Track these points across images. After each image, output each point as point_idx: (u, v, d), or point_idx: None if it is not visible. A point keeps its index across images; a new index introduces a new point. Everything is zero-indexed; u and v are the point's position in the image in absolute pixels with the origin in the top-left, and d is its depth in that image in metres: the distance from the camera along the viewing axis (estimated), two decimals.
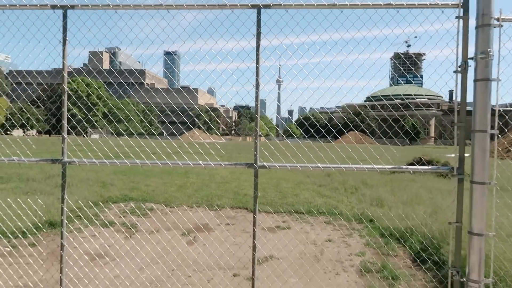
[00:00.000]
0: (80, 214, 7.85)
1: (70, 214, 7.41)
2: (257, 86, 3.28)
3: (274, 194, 11.83)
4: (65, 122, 3.60)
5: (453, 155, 3.06)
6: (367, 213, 8.68)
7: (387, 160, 4.53)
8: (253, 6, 3.27)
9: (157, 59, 4.10)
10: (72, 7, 3.34)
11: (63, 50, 3.40)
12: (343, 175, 15.13)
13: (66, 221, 3.48)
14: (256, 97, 3.31)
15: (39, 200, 8.58)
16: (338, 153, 4.79)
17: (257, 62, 3.27)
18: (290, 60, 3.55)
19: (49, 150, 27.65)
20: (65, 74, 3.49)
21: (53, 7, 3.36)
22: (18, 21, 3.55)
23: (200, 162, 3.46)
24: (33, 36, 3.58)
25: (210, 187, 12.95)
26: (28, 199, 9.33)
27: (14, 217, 5.96)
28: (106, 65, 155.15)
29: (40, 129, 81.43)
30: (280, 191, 12.41)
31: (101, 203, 9.52)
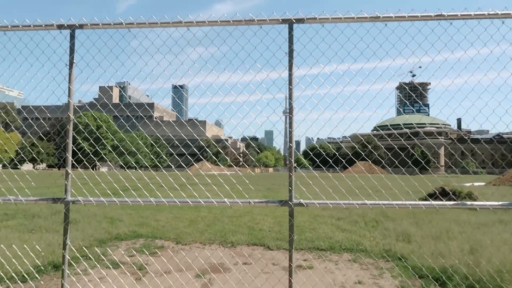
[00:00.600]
0: (88, 253, 7.30)
1: (77, 254, 6.90)
2: (290, 110, 2.85)
3: None
4: (69, 155, 3.21)
5: (468, 184, 2.57)
6: (395, 250, 8.01)
7: (406, 191, 4.05)
8: (284, 21, 2.89)
9: (165, 92, 3.80)
10: (81, 26, 2.98)
11: (70, 74, 3.02)
12: (362, 207, 14.38)
13: (72, 262, 3.26)
14: (290, 122, 2.87)
15: (43, 239, 8.08)
16: (354, 183, 4.38)
17: (290, 84, 2.86)
18: (298, 91, 3.27)
19: (57, 183, 27.35)
20: (71, 101, 3.09)
21: (60, 27, 3.00)
22: (21, 43, 3.19)
23: (226, 200, 3.03)
24: (36, 59, 3.21)
25: (222, 222, 12.34)
26: (32, 238, 8.83)
27: (14, 259, 5.47)
28: (115, 99, 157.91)
29: (50, 163, 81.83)
30: (296, 225, 11.76)
31: (108, 241, 9.00)
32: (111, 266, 6.82)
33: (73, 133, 3.22)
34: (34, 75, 3.58)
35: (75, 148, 3.31)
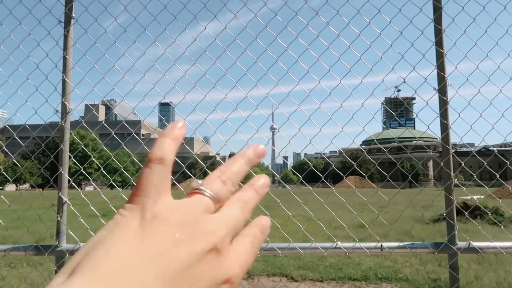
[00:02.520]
0: None
1: None
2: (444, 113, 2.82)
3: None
4: (65, 171, 2.79)
5: (468, 197, 2.53)
6: (444, 279, 7.05)
7: (419, 206, 3.95)
8: None
9: (152, 110, 3.75)
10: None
11: (64, 63, 2.88)
12: (381, 226, 12.65)
13: None
14: None
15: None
16: (356, 200, 4.21)
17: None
18: (283, 108, 3.27)
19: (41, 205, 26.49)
20: (66, 106, 2.97)
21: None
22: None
23: (340, 244, 2.48)
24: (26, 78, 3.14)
25: None
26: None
27: None
28: (101, 117, 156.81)
29: (33, 183, 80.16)
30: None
31: None
32: None
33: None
34: (28, 97, 3.51)
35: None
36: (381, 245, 2.47)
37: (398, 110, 5.01)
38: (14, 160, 3.97)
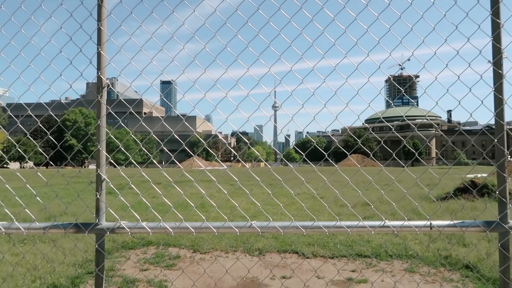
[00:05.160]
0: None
1: (78, 271, 6.38)
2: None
3: None
4: (103, 148, 2.66)
5: (472, 176, 2.49)
6: (455, 256, 7.07)
7: (424, 185, 3.90)
8: None
9: (154, 88, 3.69)
10: None
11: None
12: (388, 204, 12.48)
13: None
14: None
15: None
16: (360, 178, 4.21)
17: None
18: (287, 86, 3.19)
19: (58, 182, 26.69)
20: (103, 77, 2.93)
21: None
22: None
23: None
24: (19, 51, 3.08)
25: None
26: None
27: None
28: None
29: (37, 161, 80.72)
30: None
31: (115, 251, 7.92)
32: (123, 286, 5.89)
33: (63, 130, 3.04)
34: (23, 71, 3.46)
35: (58, 147, 3.14)
36: (431, 224, 2.45)
37: (402, 88, 4.92)
38: (28, 136, 3.95)
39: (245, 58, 3.24)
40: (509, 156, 2.46)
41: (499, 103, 2.45)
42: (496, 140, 2.40)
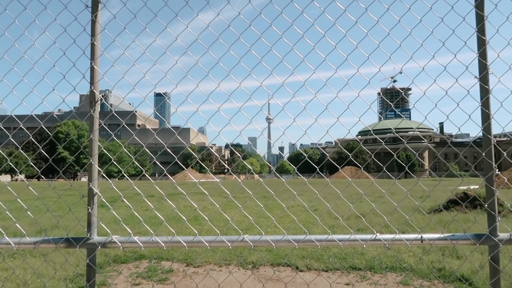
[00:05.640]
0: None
1: (69, 286, 6.22)
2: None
3: None
4: (95, 162, 2.64)
5: (465, 187, 2.52)
6: (449, 268, 7.10)
7: (418, 196, 3.95)
8: None
9: (148, 100, 3.69)
10: None
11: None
12: (381, 216, 11.69)
13: None
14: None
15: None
16: (353, 190, 4.23)
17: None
18: (280, 98, 3.23)
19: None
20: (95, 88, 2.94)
21: None
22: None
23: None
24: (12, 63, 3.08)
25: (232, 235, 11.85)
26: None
27: None
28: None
29: (29, 173, 79.88)
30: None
31: (106, 265, 7.77)
32: None
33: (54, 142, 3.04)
34: (16, 85, 3.46)
35: (46, 158, 3.12)
36: (421, 237, 2.48)
37: (394, 100, 4.98)
38: (21, 151, 3.93)
39: (238, 72, 3.28)
40: (497, 170, 2.50)
41: (486, 117, 2.50)
42: (484, 154, 2.45)
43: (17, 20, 2.93)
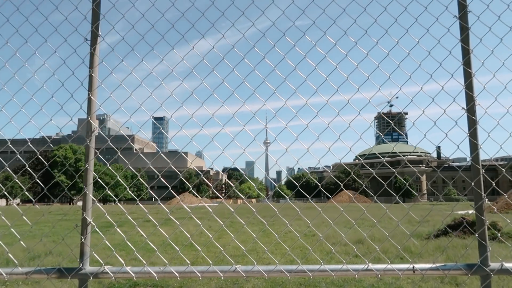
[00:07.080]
0: None
1: None
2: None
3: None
4: (89, 191, 2.67)
5: (463, 212, 2.55)
6: None
7: (416, 221, 3.94)
8: None
9: (146, 124, 3.75)
10: None
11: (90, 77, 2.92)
12: (379, 241, 12.33)
13: None
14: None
15: None
16: (352, 214, 4.20)
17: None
18: (277, 123, 3.30)
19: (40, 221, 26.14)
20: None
21: None
22: None
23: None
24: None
25: (227, 263, 11.69)
26: None
27: None
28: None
29: (25, 198, 79.19)
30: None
31: None
32: None
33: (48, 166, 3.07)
34: (14, 116, 3.51)
35: (39, 183, 3.15)
36: (413, 267, 2.47)
37: (391, 125, 5.05)
38: (14, 175, 3.95)
39: (234, 99, 3.35)
40: (486, 199, 2.53)
41: (474, 148, 2.55)
42: (473, 184, 2.49)
43: (18, 53, 3.02)
